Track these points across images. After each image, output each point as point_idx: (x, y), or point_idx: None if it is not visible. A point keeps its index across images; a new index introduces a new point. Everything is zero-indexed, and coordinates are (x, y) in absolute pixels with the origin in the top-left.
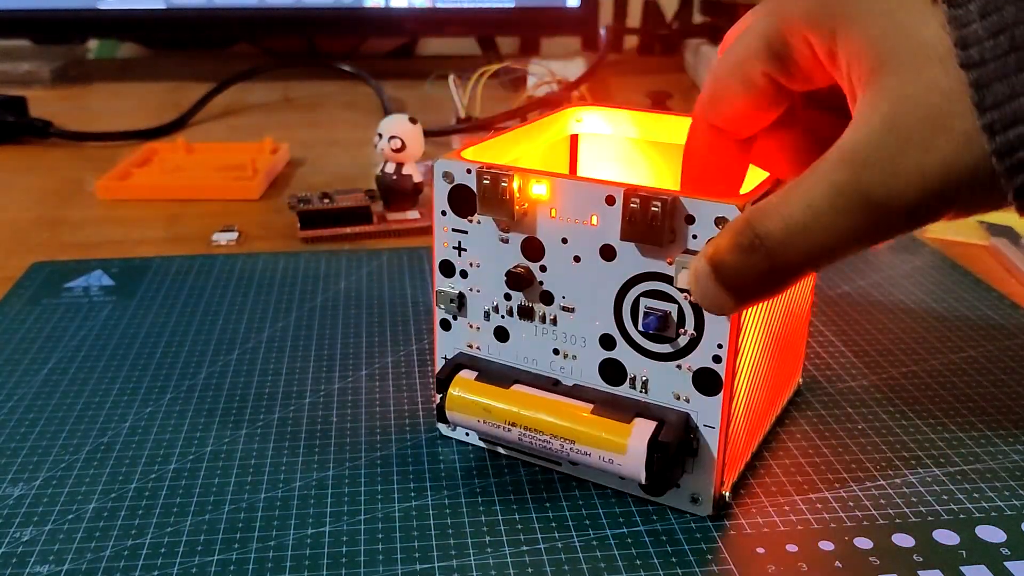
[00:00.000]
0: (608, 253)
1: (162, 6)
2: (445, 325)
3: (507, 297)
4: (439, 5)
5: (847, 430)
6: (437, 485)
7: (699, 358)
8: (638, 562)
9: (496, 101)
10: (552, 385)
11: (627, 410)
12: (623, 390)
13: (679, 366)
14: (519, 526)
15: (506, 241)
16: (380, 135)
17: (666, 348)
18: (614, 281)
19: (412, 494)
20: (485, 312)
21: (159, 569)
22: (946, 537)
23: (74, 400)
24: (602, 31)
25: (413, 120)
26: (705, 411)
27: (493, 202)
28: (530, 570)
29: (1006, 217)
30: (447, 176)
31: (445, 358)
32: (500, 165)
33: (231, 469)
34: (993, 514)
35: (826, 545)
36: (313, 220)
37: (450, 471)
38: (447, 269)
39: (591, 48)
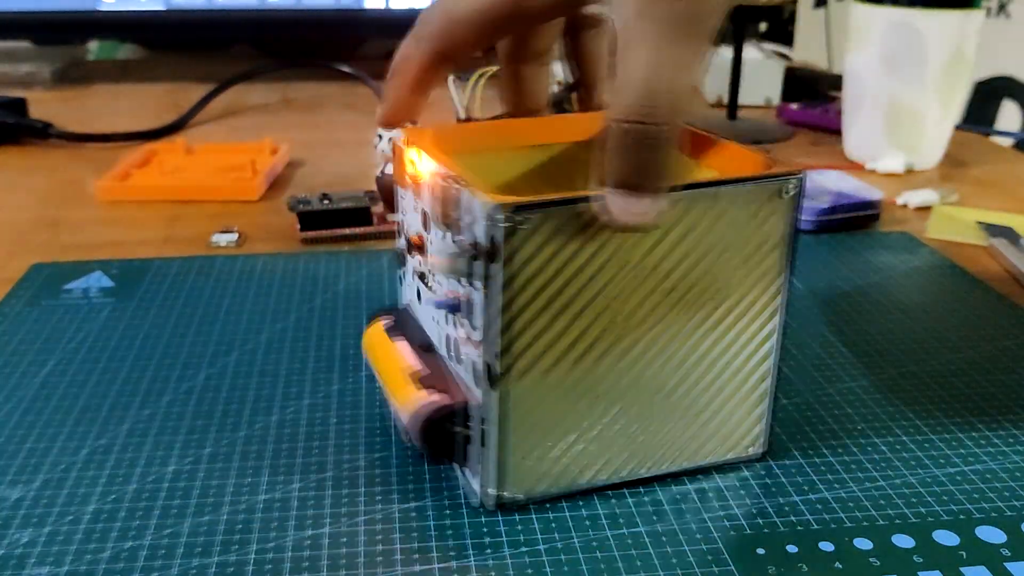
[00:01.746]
0: (443, 232)
1: (162, 7)
2: (400, 279)
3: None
4: None
5: (847, 430)
6: (437, 486)
7: (484, 351)
8: (638, 563)
9: (496, 102)
10: (424, 347)
11: (439, 381)
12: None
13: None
14: (519, 527)
15: (416, 210)
16: (380, 136)
17: (467, 332)
18: (442, 256)
19: (412, 495)
20: (413, 272)
21: (158, 571)
22: (946, 538)
23: (73, 402)
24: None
25: (414, 121)
26: (485, 404)
27: (399, 172)
28: (530, 571)
29: (1006, 218)
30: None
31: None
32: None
33: (230, 471)
34: (993, 515)
35: (826, 546)
36: (313, 221)
37: (450, 472)
38: (399, 230)
39: None
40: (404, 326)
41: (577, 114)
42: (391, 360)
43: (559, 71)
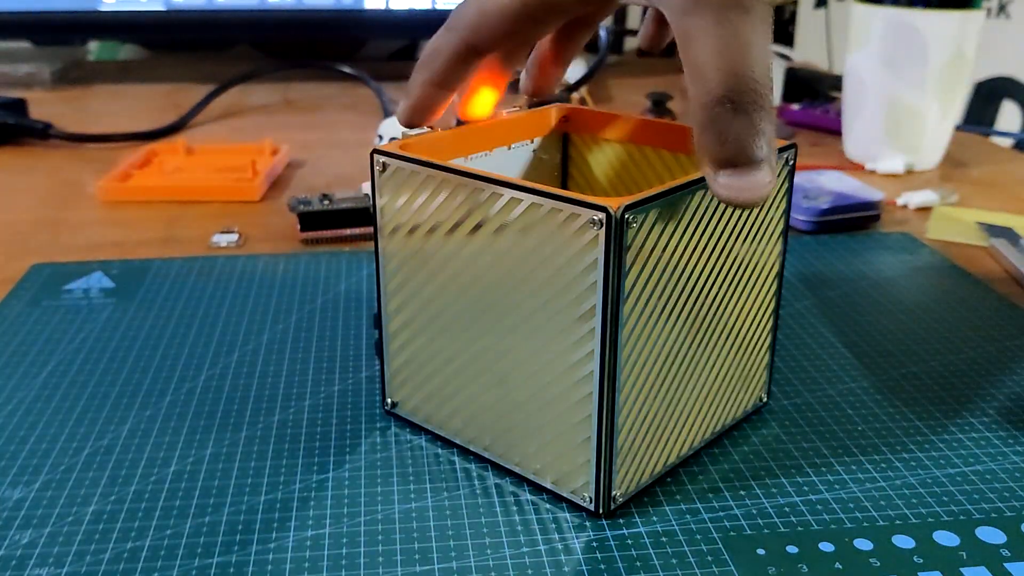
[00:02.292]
0: None
1: (162, 8)
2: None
3: None
4: (439, 7)
5: (847, 431)
6: (437, 487)
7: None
8: (638, 563)
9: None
10: None
11: None
12: None
13: None
14: (519, 527)
15: None
16: (380, 137)
17: None
18: None
19: (412, 496)
20: None
21: (159, 572)
22: (946, 538)
23: (74, 402)
24: (602, 33)
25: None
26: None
27: None
28: (530, 572)
29: (1006, 218)
30: None
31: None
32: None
33: (231, 471)
34: (993, 515)
35: (826, 546)
36: (313, 221)
37: (450, 473)
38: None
39: (591, 50)
40: None
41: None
42: None
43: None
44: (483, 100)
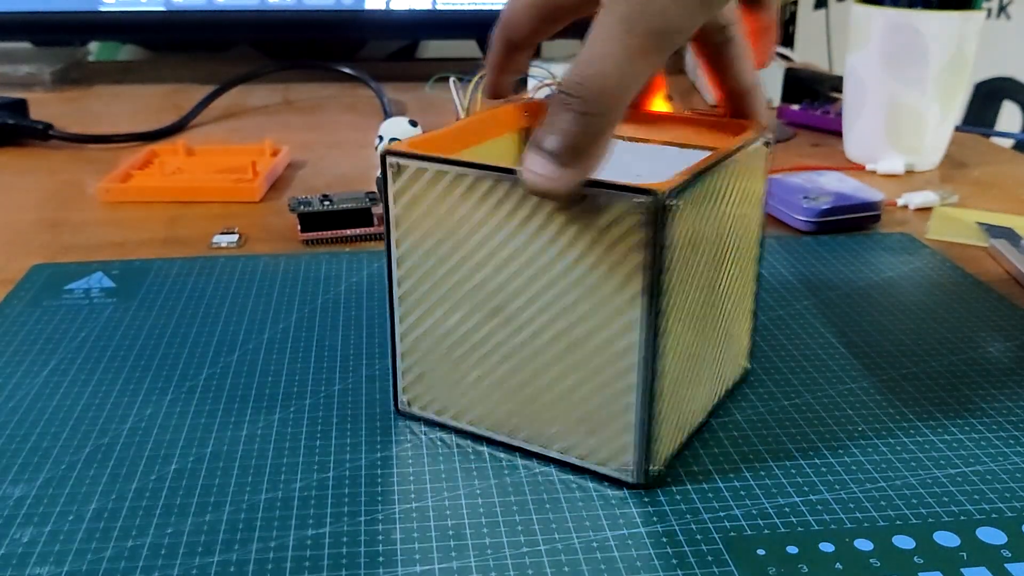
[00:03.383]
0: None
1: (163, 9)
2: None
3: None
4: (440, 7)
5: (847, 431)
6: (438, 487)
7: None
8: (638, 564)
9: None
10: None
11: None
12: None
13: None
14: (519, 527)
15: None
16: (381, 137)
17: None
18: None
19: (412, 495)
20: None
21: (159, 570)
22: (947, 539)
23: (75, 401)
24: None
25: (414, 123)
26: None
27: None
28: (531, 572)
29: (1006, 219)
30: None
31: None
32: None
33: (232, 470)
34: (994, 516)
35: (826, 547)
36: (314, 222)
37: (451, 473)
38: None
39: None
40: None
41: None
42: None
43: (560, 71)
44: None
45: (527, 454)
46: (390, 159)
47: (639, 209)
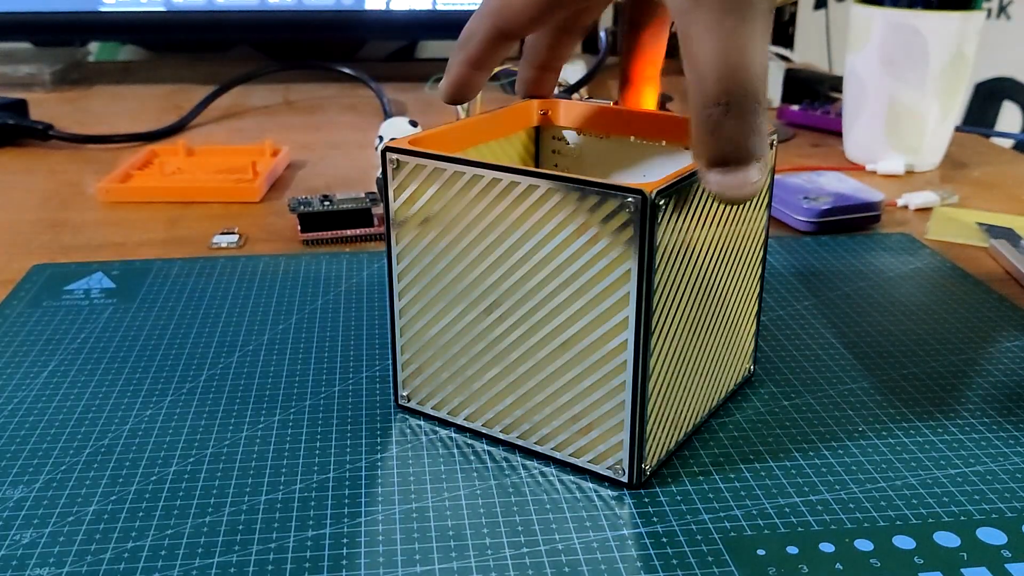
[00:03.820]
0: None
1: (163, 9)
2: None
3: None
4: (439, 7)
5: (847, 432)
6: (438, 487)
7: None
8: (639, 564)
9: (497, 103)
10: None
11: None
12: None
13: None
14: (520, 528)
15: None
16: (381, 137)
17: None
18: None
19: (412, 496)
20: None
21: (159, 572)
22: (947, 539)
23: (74, 403)
24: (602, 34)
25: (414, 123)
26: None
27: None
28: (531, 572)
29: (1006, 219)
30: None
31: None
32: None
33: (231, 471)
34: (994, 516)
35: (826, 547)
36: (314, 222)
37: (451, 473)
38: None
39: (591, 51)
40: None
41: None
42: None
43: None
44: (646, 97)
45: (527, 454)
46: (390, 155)
47: (628, 208)
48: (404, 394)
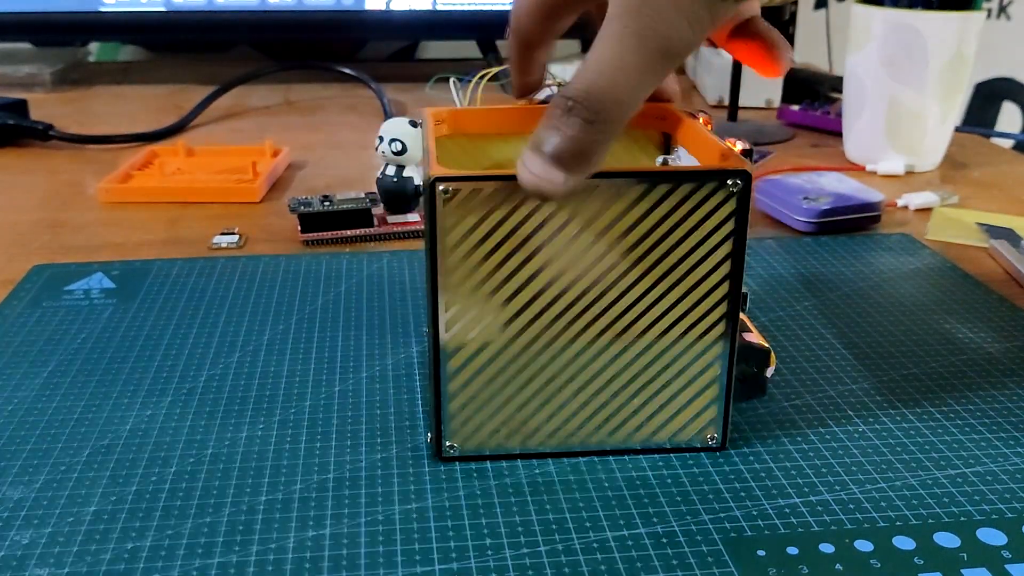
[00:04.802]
0: None
1: (163, 9)
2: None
3: None
4: (440, 8)
5: (847, 432)
6: (438, 487)
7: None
8: (639, 564)
9: (497, 104)
10: None
11: None
12: None
13: None
14: (520, 528)
15: None
16: (381, 138)
17: None
18: None
19: (413, 496)
20: None
21: (159, 572)
22: (947, 540)
23: (74, 403)
24: None
25: (414, 123)
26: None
27: None
28: (531, 573)
29: (1006, 219)
30: None
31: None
32: None
33: (232, 471)
34: (994, 516)
35: (826, 547)
36: (314, 223)
37: (451, 473)
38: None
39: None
40: None
41: None
42: None
43: (560, 72)
44: None
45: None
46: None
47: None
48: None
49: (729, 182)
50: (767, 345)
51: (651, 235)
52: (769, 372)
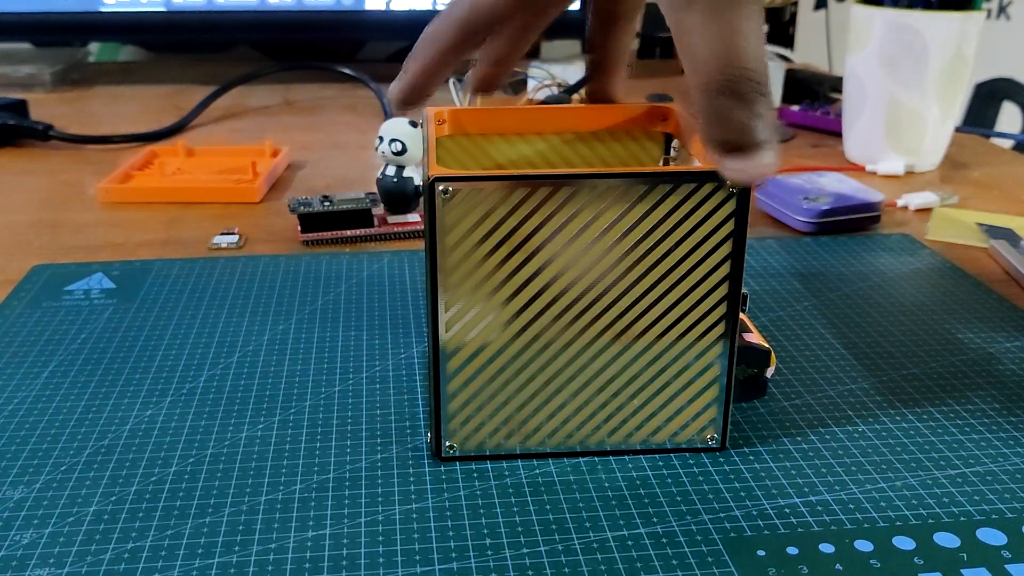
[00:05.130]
0: None
1: (163, 9)
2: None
3: None
4: (440, 8)
5: (847, 432)
6: (437, 488)
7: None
8: (638, 564)
9: (495, 103)
10: None
11: None
12: None
13: None
14: (519, 528)
15: None
16: (381, 138)
17: None
18: None
19: (412, 497)
20: None
21: (159, 572)
22: (947, 540)
23: (74, 403)
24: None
25: (414, 123)
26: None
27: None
28: (531, 573)
29: (1006, 219)
30: None
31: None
32: None
33: (231, 472)
34: (994, 516)
35: (826, 548)
36: (314, 223)
37: (450, 474)
38: None
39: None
40: None
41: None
42: None
43: (560, 72)
44: None
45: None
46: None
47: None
48: (450, 444)
49: (713, 184)
50: (767, 346)
51: (651, 235)
52: (769, 372)
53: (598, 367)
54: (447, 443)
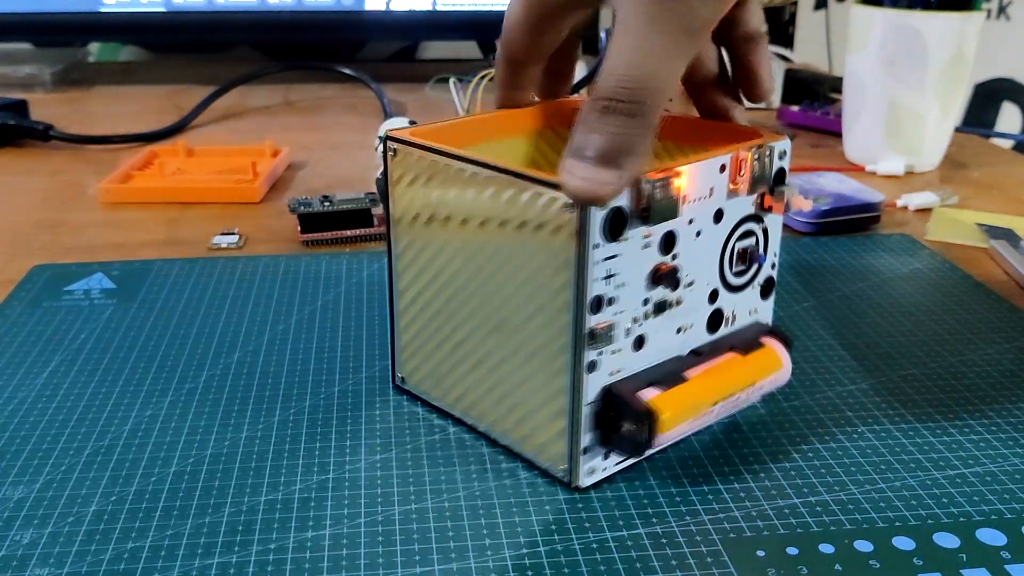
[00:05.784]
0: (718, 215)
1: (163, 9)
2: (592, 367)
3: (644, 302)
4: (440, 8)
5: (847, 433)
6: (437, 488)
7: (763, 272)
8: (638, 565)
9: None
10: (678, 363)
11: (740, 343)
12: (720, 332)
13: (752, 286)
14: (519, 529)
15: (648, 246)
16: (381, 138)
17: (746, 277)
18: (719, 239)
19: (412, 497)
20: (626, 330)
21: (159, 572)
22: (946, 540)
23: (75, 403)
24: (602, 35)
25: (414, 123)
26: (764, 313)
27: (666, 209)
28: (530, 573)
29: (1006, 220)
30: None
31: (592, 403)
32: (662, 169)
33: (231, 471)
34: (993, 517)
35: (826, 548)
36: (314, 223)
37: (451, 475)
38: (597, 305)
39: (591, 52)
40: (646, 380)
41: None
42: (716, 379)
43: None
44: None
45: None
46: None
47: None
48: (400, 376)
49: (558, 197)
50: (652, 408)
51: (500, 236)
52: (662, 441)
53: (480, 355)
54: (399, 374)
